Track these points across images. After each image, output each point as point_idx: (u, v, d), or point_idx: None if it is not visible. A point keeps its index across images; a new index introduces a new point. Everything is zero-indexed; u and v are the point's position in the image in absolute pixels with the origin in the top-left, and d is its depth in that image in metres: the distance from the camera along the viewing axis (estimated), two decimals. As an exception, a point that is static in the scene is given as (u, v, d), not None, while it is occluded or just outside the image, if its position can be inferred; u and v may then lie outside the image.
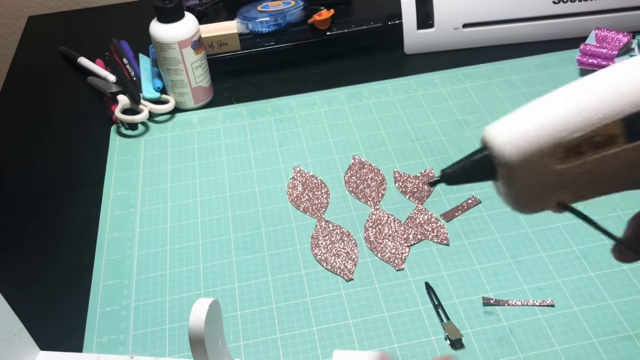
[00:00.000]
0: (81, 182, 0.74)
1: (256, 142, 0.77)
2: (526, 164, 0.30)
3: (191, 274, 0.62)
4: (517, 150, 0.30)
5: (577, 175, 0.30)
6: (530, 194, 0.31)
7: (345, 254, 0.62)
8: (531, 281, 0.58)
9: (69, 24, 1.08)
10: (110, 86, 0.84)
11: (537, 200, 0.32)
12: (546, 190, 0.31)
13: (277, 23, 0.88)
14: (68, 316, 0.59)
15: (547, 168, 0.30)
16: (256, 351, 0.55)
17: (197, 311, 0.44)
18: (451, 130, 0.76)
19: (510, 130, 0.30)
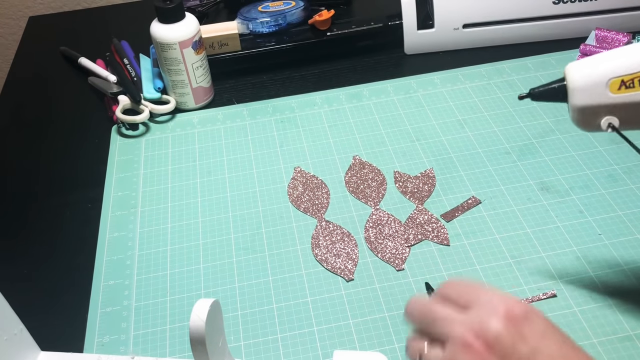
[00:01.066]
0: (82, 182, 0.74)
1: (257, 142, 0.77)
2: (588, 90, 0.41)
3: (192, 274, 0.62)
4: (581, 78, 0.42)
5: (627, 104, 0.41)
6: (591, 114, 0.42)
7: (346, 254, 0.62)
8: (531, 281, 0.58)
9: (69, 24, 1.08)
10: (111, 86, 0.84)
11: (595, 120, 0.43)
12: (602, 113, 0.42)
13: (277, 23, 0.88)
14: (69, 316, 0.59)
15: (604, 94, 0.41)
16: (257, 351, 0.55)
17: (198, 311, 0.44)
18: (451, 130, 0.76)
19: (582, 66, 0.42)
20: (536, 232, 0.62)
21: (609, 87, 0.41)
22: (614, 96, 0.41)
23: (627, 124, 0.42)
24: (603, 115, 0.42)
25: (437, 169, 0.71)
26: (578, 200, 0.65)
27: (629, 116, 0.41)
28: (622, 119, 0.42)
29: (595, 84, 0.41)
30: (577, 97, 0.43)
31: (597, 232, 0.62)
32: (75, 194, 0.73)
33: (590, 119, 0.43)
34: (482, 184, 0.68)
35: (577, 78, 0.42)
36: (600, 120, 0.42)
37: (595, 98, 0.42)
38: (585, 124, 0.44)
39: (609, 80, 0.41)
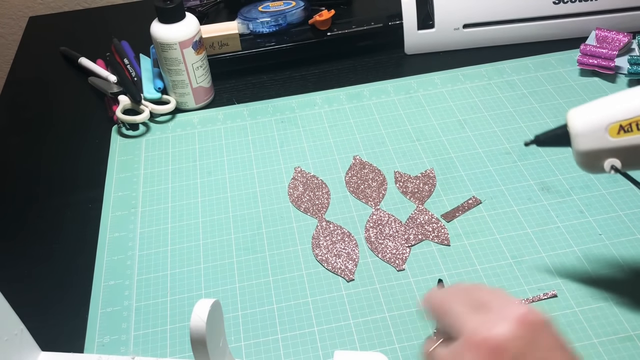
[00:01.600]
0: (82, 182, 0.74)
1: (257, 143, 0.77)
2: (588, 135, 0.44)
3: (192, 274, 0.62)
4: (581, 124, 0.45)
5: (627, 147, 0.43)
6: (594, 157, 0.45)
7: (346, 255, 0.62)
8: (531, 281, 0.58)
9: (69, 24, 1.08)
10: (111, 86, 0.84)
11: (598, 162, 0.45)
12: (604, 156, 0.45)
13: (277, 23, 0.88)
14: (69, 317, 0.59)
15: (604, 139, 0.44)
16: (257, 351, 0.55)
17: (199, 312, 0.44)
18: (452, 130, 0.76)
19: (581, 111, 0.45)
20: (537, 232, 0.62)
21: (609, 132, 0.43)
22: (614, 140, 0.44)
23: (629, 165, 0.45)
24: (605, 158, 0.45)
25: (438, 169, 0.71)
26: (578, 200, 0.65)
27: (630, 158, 0.44)
28: (624, 160, 0.44)
29: (595, 130, 0.44)
30: (579, 143, 0.45)
31: (598, 232, 0.62)
32: (75, 194, 0.73)
33: (594, 162, 0.46)
34: (483, 184, 0.68)
35: (579, 124, 0.45)
36: (603, 162, 0.45)
37: (596, 143, 0.44)
38: (589, 167, 0.47)
39: (608, 126, 0.43)
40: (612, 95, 0.45)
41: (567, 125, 0.46)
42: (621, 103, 0.43)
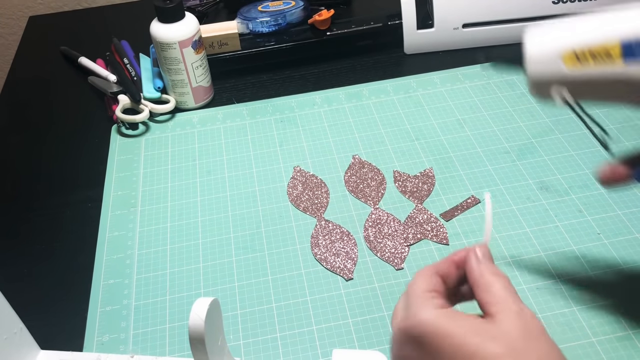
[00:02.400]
0: (82, 181, 0.75)
1: (256, 142, 0.77)
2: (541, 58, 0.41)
3: (191, 273, 0.62)
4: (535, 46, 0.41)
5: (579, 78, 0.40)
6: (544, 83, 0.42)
7: (345, 254, 0.62)
8: (530, 281, 0.58)
9: (69, 24, 1.08)
10: (111, 86, 0.85)
11: (547, 89, 0.42)
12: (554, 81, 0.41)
13: (277, 23, 0.88)
14: (68, 315, 0.59)
15: (557, 65, 0.40)
16: (256, 350, 0.55)
17: (197, 310, 0.44)
18: (451, 129, 0.76)
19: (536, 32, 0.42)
20: (535, 232, 0.62)
21: (563, 60, 0.40)
22: (567, 70, 0.40)
23: (579, 96, 0.42)
24: (556, 87, 0.41)
25: (437, 169, 0.71)
26: (577, 199, 0.65)
27: (581, 90, 0.41)
28: (575, 92, 0.41)
29: (550, 56, 0.41)
30: (532, 68, 0.42)
31: (596, 231, 0.62)
32: (75, 193, 0.73)
33: (544, 90, 0.42)
34: (482, 184, 0.68)
35: (532, 47, 0.42)
36: (554, 92, 0.42)
37: (549, 70, 0.41)
38: (539, 94, 0.44)
39: (563, 53, 0.40)
40: (574, 19, 0.41)
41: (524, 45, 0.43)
42: (580, 28, 0.40)
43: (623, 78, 0.38)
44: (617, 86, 0.38)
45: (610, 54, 0.37)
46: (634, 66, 0.37)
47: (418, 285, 0.40)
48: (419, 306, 0.38)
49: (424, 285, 0.39)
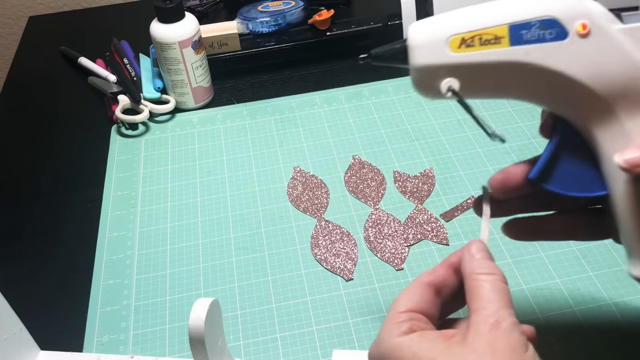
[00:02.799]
0: (81, 181, 0.75)
1: (256, 142, 0.77)
2: (426, 47, 0.38)
3: (191, 273, 0.62)
4: (419, 34, 0.38)
5: (467, 65, 0.38)
6: (431, 75, 0.38)
7: (345, 254, 0.62)
8: (531, 281, 0.58)
9: (69, 24, 1.08)
10: (111, 86, 0.85)
11: (435, 82, 0.39)
12: (442, 74, 0.38)
13: (277, 23, 0.88)
14: (68, 316, 0.59)
15: (443, 53, 0.38)
16: (256, 351, 0.55)
17: (197, 311, 0.44)
18: (451, 130, 0.76)
19: (424, 24, 0.39)
20: (535, 232, 0.62)
21: (449, 45, 0.38)
22: (454, 55, 0.37)
23: (468, 89, 0.39)
24: (443, 78, 0.38)
25: (437, 169, 0.71)
26: (577, 200, 0.65)
27: (469, 78, 0.39)
28: (463, 81, 0.39)
29: (435, 41, 0.38)
30: (416, 55, 0.38)
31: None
32: (75, 193, 0.73)
33: (430, 82, 0.39)
34: (482, 184, 0.68)
35: (417, 35, 0.38)
36: (440, 83, 0.39)
37: (434, 57, 0.38)
38: (425, 87, 0.40)
39: (449, 38, 0.37)
40: (459, 9, 0.39)
41: (406, 40, 0.40)
42: (466, 15, 0.38)
43: (510, 61, 0.37)
44: (504, 71, 0.37)
45: (498, 37, 0.36)
46: (521, 49, 0.36)
47: (395, 305, 0.38)
48: (384, 332, 0.37)
49: (401, 305, 0.38)
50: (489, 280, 0.37)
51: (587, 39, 0.36)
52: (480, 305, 0.35)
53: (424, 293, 0.38)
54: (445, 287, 0.39)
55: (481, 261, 0.38)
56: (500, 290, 0.36)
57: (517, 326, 0.34)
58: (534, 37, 0.36)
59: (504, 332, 0.33)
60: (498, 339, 0.33)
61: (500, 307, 0.35)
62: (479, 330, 0.34)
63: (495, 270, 0.38)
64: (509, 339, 0.33)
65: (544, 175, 0.40)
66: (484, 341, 0.33)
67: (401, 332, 0.36)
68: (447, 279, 0.40)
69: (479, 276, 0.37)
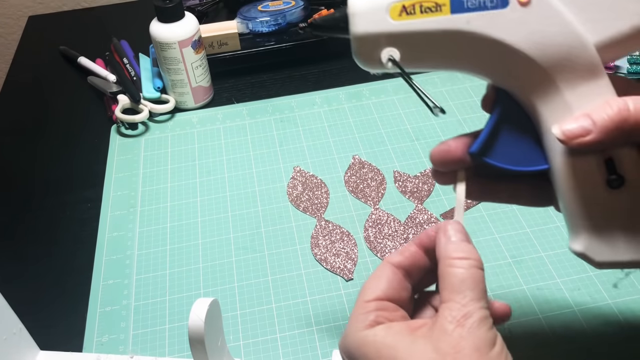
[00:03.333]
0: (81, 181, 0.74)
1: (256, 142, 0.77)
2: (365, 14, 0.37)
3: (191, 273, 0.62)
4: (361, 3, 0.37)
5: (407, 33, 0.37)
6: (371, 44, 0.38)
7: (345, 254, 0.62)
8: (531, 281, 0.58)
9: (69, 23, 1.08)
10: (111, 86, 0.84)
11: (375, 52, 0.38)
12: (383, 43, 0.37)
13: (277, 23, 0.88)
14: (68, 316, 0.59)
15: (383, 21, 0.37)
16: (256, 351, 0.55)
17: (197, 311, 0.44)
18: (451, 130, 0.76)
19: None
20: (535, 232, 0.62)
21: (390, 13, 0.37)
22: (395, 23, 0.37)
23: (409, 59, 0.38)
24: (384, 47, 0.38)
25: (437, 169, 0.71)
26: (578, 199, 0.65)
27: (410, 48, 0.38)
28: (403, 51, 0.38)
29: (375, 9, 0.37)
30: (355, 23, 0.38)
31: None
32: (74, 193, 0.73)
33: (371, 51, 0.38)
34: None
35: (358, 2, 0.37)
36: (381, 52, 0.38)
37: (374, 25, 0.37)
38: (365, 57, 0.39)
39: (390, 5, 0.37)
40: None
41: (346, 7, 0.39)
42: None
43: (451, 29, 0.36)
44: (445, 40, 0.37)
45: (439, 4, 0.36)
46: (462, 17, 0.36)
47: (362, 293, 0.37)
48: (351, 324, 0.36)
49: (368, 293, 0.36)
50: (463, 266, 0.35)
51: (527, 7, 0.35)
52: (449, 296, 0.34)
53: (392, 278, 0.37)
54: (416, 268, 0.38)
55: (457, 244, 0.36)
56: (473, 278, 0.34)
57: (485, 321, 0.33)
58: (475, 5, 0.36)
59: (469, 329, 0.32)
60: (463, 337, 0.32)
61: (471, 299, 0.33)
62: (444, 326, 0.33)
63: (471, 254, 0.36)
64: (474, 337, 0.32)
65: (485, 149, 0.39)
66: (448, 339, 0.32)
67: (366, 325, 0.35)
68: (417, 259, 0.38)
69: (453, 261, 0.35)
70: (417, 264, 0.38)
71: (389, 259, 0.38)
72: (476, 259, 0.35)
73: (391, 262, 0.38)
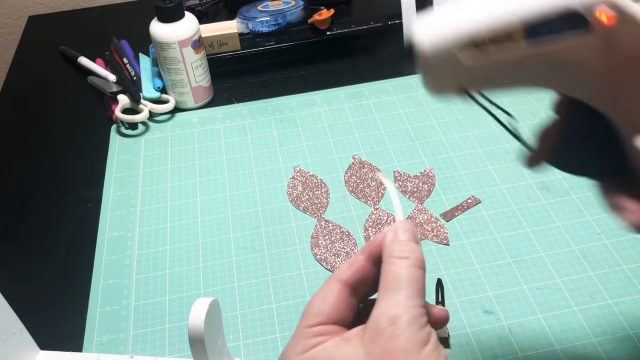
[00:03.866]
0: (81, 181, 0.74)
1: (256, 142, 0.77)
2: (436, 51, 0.35)
3: (191, 273, 0.62)
4: (427, 39, 0.35)
5: (480, 67, 0.35)
6: (439, 75, 0.36)
7: (345, 254, 0.62)
8: (531, 281, 0.58)
9: (69, 23, 1.08)
10: (111, 86, 0.84)
11: (444, 84, 0.37)
12: (452, 75, 0.36)
13: (277, 23, 0.88)
14: (68, 316, 0.59)
15: (454, 57, 0.34)
16: (256, 350, 0.55)
17: (197, 311, 0.43)
18: (451, 129, 0.76)
19: (426, 23, 0.35)
20: (536, 232, 0.62)
21: (460, 50, 0.34)
22: (466, 60, 0.34)
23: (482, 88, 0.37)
24: (456, 82, 0.36)
25: (437, 169, 0.71)
26: (577, 199, 0.65)
27: (483, 79, 0.36)
28: (477, 84, 0.36)
29: (444, 47, 0.34)
30: (425, 63, 0.36)
31: (597, 231, 0.62)
32: (74, 193, 0.73)
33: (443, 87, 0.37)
34: (482, 184, 0.68)
35: (424, 39, 0.35)
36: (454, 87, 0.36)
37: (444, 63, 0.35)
38: (437, 92, 0.38)
39: (459, 41, 0.34)
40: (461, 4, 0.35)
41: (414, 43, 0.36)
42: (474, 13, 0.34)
43: (528, 58, 0.34)
44: (521, 68, 0.35)
45: (512, 35, 0.33)
46: (538, 45, 0.33)
47: (305, 317, 0.36)
48: (290, 347, 0.35)
49: (310, 318, 0.35)
50: (402, 265, 0.34)
51: (610, 27, 0.32)
52: (384, 295, 0.33)
53: (338, 298, 0.36)
54: (364, 282, 0.37)
55: (401, 243, 0.35)
56: (409, 277, 0.33)
57: (417, 320, 0.32)
58: (552, 31, 0.33)
59: (400, 330, 0.31)
60: (392, 339, 0.31)
61: (404, 297, 0.33)
62: (376, 325, 0.32)
63: (412, 253, 0.34)
64: (404, 338, 0.31)
65: (556, 155, 0.38)
66: (379, 341, 0.32)
67: (305, 350, 0.34)
68: (366, 274, 0.36)
69: (393, 259, 0.34)
70: (365, 277, 0.36)
71: (338, 275, 0.36)
72: (417, 258, 0.34)
73: (340, 280, 0.36)
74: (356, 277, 0.36)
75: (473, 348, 0.53)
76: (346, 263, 0.37)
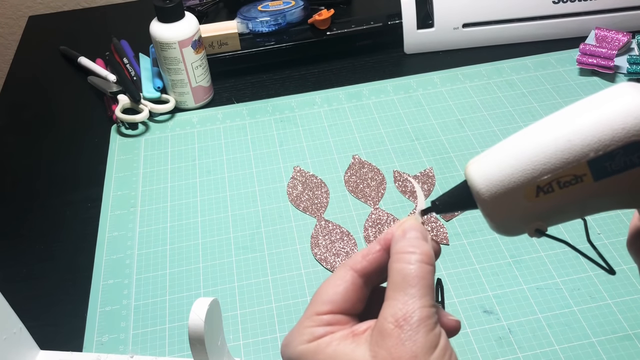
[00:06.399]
0: (81, 181, 0.74)
1: (256, 142, 0.77)
2: (499, 202, 0.33)
3: (191, 273, 0.62)
4: (489, 190, 0.33)
5: (548, 209, 0.33)
6: (507, 223, 0.34)
7: (345, 254, 0.62)
8: (530, 281, 0.58)
9: (69, 23, 1.08)
10: (111, 86, 0.84)
11: (514, 229, 0.35)
12: (521, 221, 0.34)
13: (277, 23, 0.88)
14: (68, 315, 0.59)
15: (520, 205, 0.33)
16: (256, 350, 0.55)
17: (197, 310, 0.44)
18: (451, 129, 0.76)
19: (485, 171, 0.33)
20: (535, 232, 0.62)
21: (525, 197, 0.33)
22: (533, 205, 0.33)
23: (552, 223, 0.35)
24: (524, 224, 0.34)
25: (437, 169, 0.71)
26: (577, 199, 0.65)
27: (553, 217, 0.34)
28: (547, 222, 0.34)
29: (507, 196, 0.33)
30: (489, 210, 0.34)
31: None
32: (74, 193, 0.73)
33: (512, 229, 0.35)
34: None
35: (484, 189, 0.33)
36: (522, 228, 0.35)
37: (510, 210, 0.33)
38: (506, 233, 0.36)
39: (523, 189, 0.32)
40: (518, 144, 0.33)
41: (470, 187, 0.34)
42: (534, 155, 0.32)
43: (597, 194, 0.32)
44: (592, 202, 0.33)
45: (579, 176, 0.31)
46: (608, 181, 0.31)
47: (315, 302, 0.35)
48: (296, 332, 0.34)
49: (321, 305, 0.34)
50: (409, 261, 0.33)
51: None
52: (392, 294, 0.32)
53: (351, 288, 0.34)
54: (378, 272, 0.35)
55: (410, 240, 0.34)
56: (418, 274, 0.32)
57: (426, 321, 0.31)
58: (620, 165, 0.31)
59: (407, 334, 0.31)
60: (399, 343, 0.30)
61: (412, 297, 0.31)
62: (384, 327, 0.31)
63: (419, 248, 0.33)
64: (412, 342, 0.30)
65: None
66: (386, 344, 0.31)
67: (311, 339, 0.33)
68: (380, 263, 0.35)
69: (401, 256, 0.33)
70: (380, 267, 0.35)
71: (353, 264, 0.35)
72: (425, 254, 0.33)
73: (354, 270, 0.35)
74: (371, 268, 0.35)
75: (473, 348, 0.53)
76: (360, 252, 0.35)
